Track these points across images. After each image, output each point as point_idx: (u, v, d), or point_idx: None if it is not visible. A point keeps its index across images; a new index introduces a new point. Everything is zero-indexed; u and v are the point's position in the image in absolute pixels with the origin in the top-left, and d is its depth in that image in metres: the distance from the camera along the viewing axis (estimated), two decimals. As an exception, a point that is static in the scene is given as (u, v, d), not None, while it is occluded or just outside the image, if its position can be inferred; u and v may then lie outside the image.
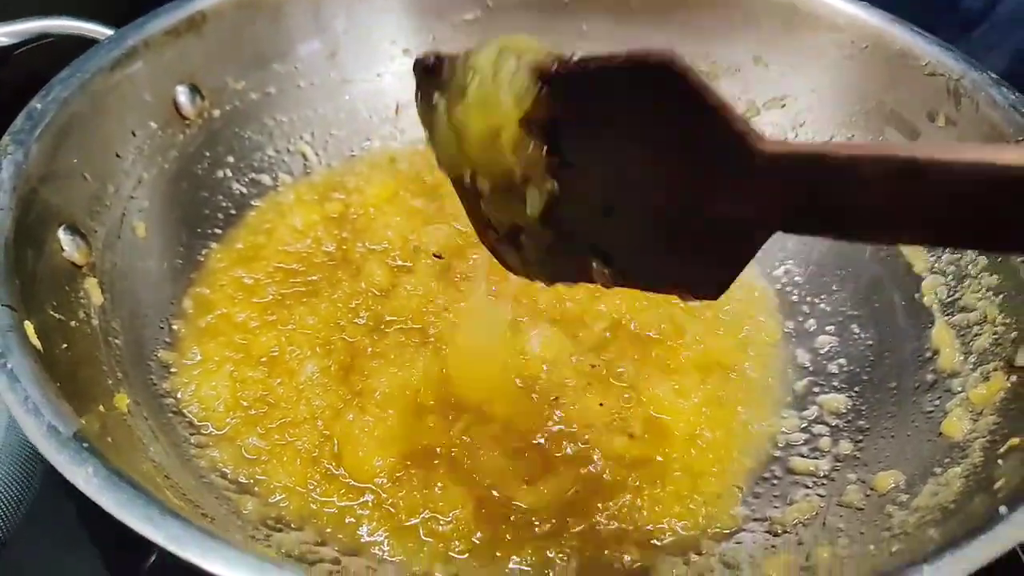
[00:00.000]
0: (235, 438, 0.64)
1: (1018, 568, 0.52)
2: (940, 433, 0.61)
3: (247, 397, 0.67)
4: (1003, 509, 0.43)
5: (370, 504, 0.61)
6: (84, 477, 0.43)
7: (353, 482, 0.62)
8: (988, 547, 0.41)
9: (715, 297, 0.43)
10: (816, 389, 0.74)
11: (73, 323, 0.59)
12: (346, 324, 0.74)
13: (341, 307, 0.75)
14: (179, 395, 0.66)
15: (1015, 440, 0.53)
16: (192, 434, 0.62)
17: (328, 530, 0.59)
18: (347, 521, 0.60)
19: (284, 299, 0.76)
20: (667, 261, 0.43)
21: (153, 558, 0.67)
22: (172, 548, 0.41)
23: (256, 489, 0.61)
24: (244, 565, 0.41)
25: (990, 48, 1.08)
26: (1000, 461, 0.53)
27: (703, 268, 0.42)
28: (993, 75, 0.74)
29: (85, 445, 0.45)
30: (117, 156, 0.72)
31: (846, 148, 0.36)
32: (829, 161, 0.36)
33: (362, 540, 0.59)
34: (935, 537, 0.48)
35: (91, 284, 0.63)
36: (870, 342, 0.75)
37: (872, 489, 0.61)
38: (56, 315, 0.57)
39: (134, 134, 0.74)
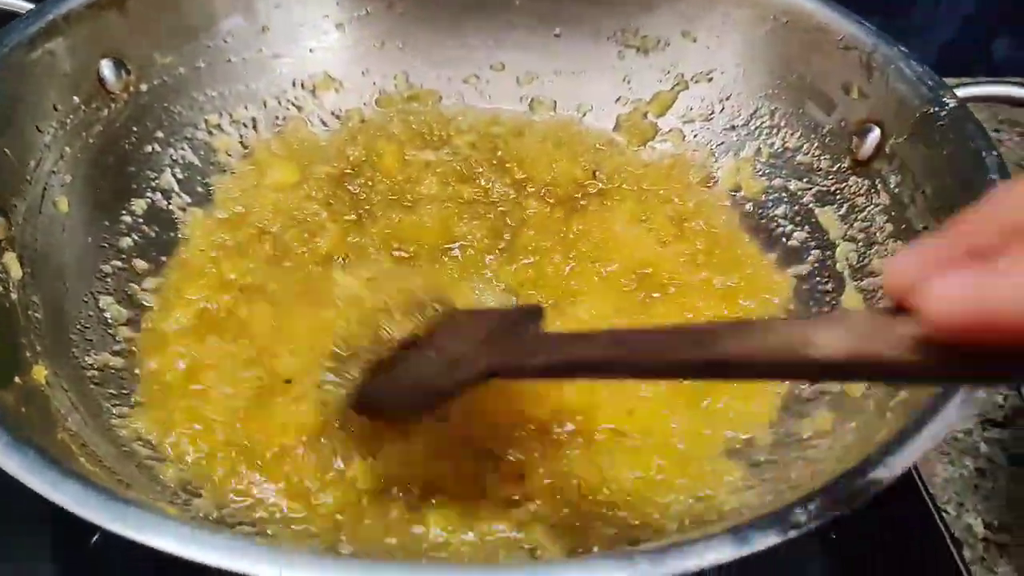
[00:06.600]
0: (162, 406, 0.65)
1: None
2: (843, 391, 0.65)
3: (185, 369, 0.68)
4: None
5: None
6: (-11, 441, 0.44)
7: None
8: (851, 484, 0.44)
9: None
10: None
11: (-10, 296, 0.59)
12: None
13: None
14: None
15: (903, 395, 0.56)
16: (115, 405, 0.63)
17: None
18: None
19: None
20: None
21: (96, 536, 0.67)
22: (75, 509, 0.42)
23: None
24: (153, 526, 0.42)
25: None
26: (888, 415, 0.55)
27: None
28: (903, 49, 0.77)
29: (-10, 412, 0.45)
30: (38, 130, 0.71)
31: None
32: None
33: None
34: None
35: (10, 258, 0.63)
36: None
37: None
38: (-29, 289, 0.57)
39: (56, 108, 0.73)
